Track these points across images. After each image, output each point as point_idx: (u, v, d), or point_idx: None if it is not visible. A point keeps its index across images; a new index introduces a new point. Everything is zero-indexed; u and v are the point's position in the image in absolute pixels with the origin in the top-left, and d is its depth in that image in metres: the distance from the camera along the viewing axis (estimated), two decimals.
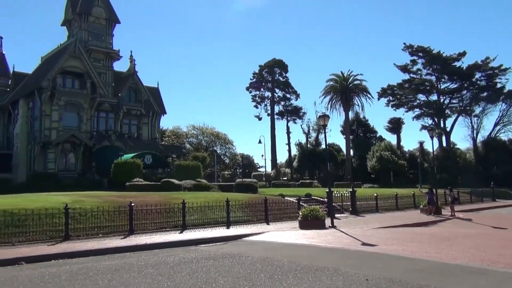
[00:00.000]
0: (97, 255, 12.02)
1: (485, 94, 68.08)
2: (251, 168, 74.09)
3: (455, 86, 68.95)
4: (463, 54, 66.62)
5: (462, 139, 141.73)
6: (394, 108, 71.87)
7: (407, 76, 69.87)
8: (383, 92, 71.39)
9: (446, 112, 70.80)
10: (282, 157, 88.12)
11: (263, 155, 70.90)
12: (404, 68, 69.35)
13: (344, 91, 58.80)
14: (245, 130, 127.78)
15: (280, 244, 13.60)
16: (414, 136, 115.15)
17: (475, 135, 69.48)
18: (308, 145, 70.09)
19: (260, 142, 48.67)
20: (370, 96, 61.35)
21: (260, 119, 75.11)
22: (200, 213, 18.88)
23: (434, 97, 70.92)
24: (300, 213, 18.85)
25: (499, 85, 67.42)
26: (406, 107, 71.62)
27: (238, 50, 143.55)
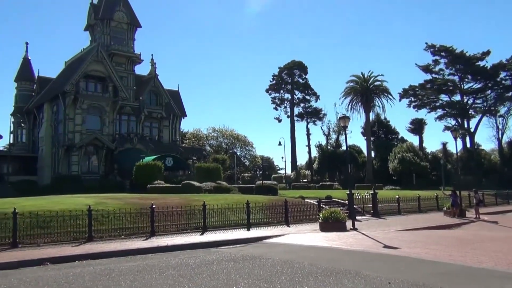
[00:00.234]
0: (119, 256, 12.16)
1: (510, 93, 66.53)
2: (271, 170, 74.13)
3: (479, 86, 67.57)
4: (487, 53, 65.32)
5: (486, 139, 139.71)
6: (416, 109, 70.90)
7: (429, 76, 68.93)
8: (405, 93, 70.46)
9: (470, 112, 69.46)
10: (302, 159, 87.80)
11: (283, 157, 70.69)
12: (426, 68, 68.34)
13: (365, 92, 58.36)
14: (264, 132, 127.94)
15: (301, 247, 13.52)
16: (436, 137, 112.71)
17: (500, 136, 68.14)
18: (329, 146, 69.70)
19: (280, 144, 48.68)
20: (391, 97, 60.88)
21: (280, 121, 75.27)
22: (220, 215, 18.92)
23: (457, 97, 69.83)
24: (321, 215, 18.68)
25: None
26: (428, 107, 70.52)
27: (257, 52, 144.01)
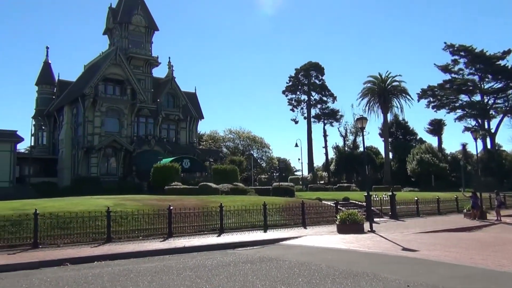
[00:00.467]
0: (137, 257, 12.28)
1: None
2: (288, 172, 73.93)
3: (500, 85, 66.18)
4: (508, 52, 63.92)
5: (508, 140, 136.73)
6: (435, 109, 69.78)
7: (448, 76, 67.80)
8: (423, 93, 69.47)
9: (491, 112, 68.06)
10: (319, 160, 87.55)
11: (299, 159, 70.64)
12: (445, 68, 67.29)
13: (382, 93, 57.74)
14: (281, 134, 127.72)
15: (318, 248, 13.45)
16: (456, 138, 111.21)
17: None
18: (346, 148, 69.18)
19: (296, 145, 48.41)
20: (409, 97, 60.03)
21: (296, 122, 75.04)
22: (237, 216, 18.94)
23: (477, 97, 68.48)
24: (338, 217, 18.58)
25: None
26: (447, 108, 69.38)
27: (273, 54, 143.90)
